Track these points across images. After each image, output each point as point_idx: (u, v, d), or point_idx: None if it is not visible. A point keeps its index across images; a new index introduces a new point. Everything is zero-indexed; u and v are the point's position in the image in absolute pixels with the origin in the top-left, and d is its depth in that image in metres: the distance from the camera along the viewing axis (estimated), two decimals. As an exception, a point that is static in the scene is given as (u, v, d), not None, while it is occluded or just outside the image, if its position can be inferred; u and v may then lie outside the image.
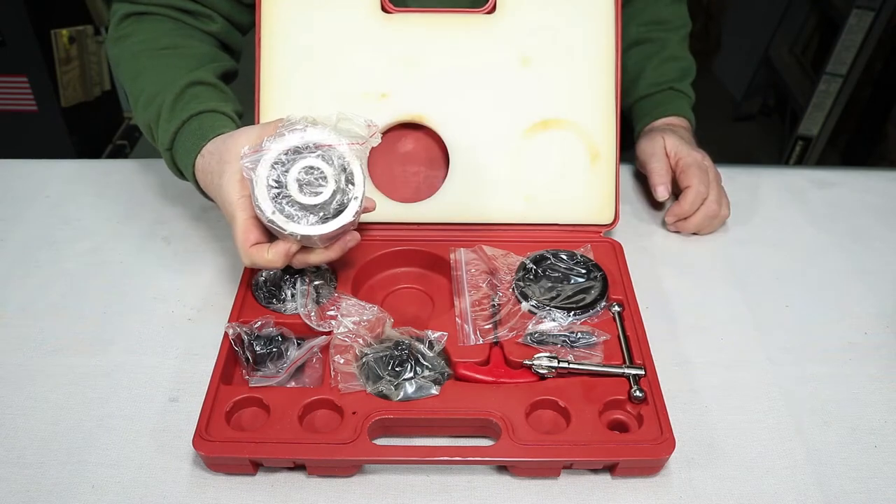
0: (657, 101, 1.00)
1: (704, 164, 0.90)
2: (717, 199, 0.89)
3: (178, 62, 0.81)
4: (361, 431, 0.61)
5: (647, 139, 0.95)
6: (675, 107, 0.99)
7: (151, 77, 0.80)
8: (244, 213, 0.65)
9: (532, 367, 0.67)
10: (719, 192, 0.90)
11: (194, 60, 0.82)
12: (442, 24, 0.82)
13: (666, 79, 1.00)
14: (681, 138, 0.93)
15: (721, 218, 0.90)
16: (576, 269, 0.76)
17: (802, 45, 2.55)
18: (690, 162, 0.90)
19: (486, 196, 0.83)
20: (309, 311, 0.70)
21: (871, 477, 0.63)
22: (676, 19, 1.03)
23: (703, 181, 0.88)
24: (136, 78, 0.81)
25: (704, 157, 0.91)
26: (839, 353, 0.75)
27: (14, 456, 0.64)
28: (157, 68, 0.80)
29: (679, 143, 0.91)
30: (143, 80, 0.80)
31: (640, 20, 1.01)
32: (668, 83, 1.00)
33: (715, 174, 0.91)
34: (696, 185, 0.88)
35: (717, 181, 0.91)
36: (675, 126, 0.97)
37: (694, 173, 0.89)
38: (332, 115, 0.66)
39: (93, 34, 2.26)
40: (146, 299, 0.80)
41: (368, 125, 0.67)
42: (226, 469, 0.63)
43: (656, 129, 0.97)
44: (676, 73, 1.00)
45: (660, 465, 0.63)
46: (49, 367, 0.72)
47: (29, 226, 0.90)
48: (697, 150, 0.93)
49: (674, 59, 1.00)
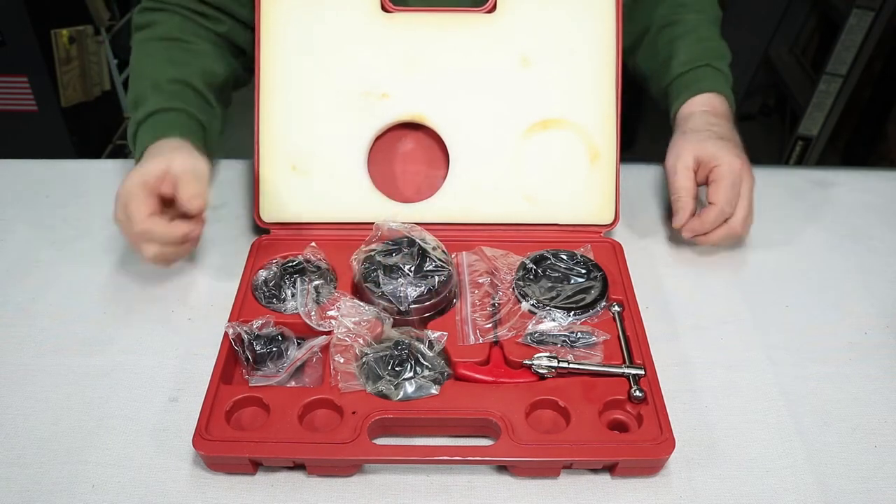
0: (694, 78, 0.91)
1: (740, 177, 0.82)
2: (742, 220, 0.82)
3: (177, 55, 0.84)
4: (361, 431, 0.61)
5: (678, 139, 0.86)
6: (713, 83, 0.91)
7: (149, 62, 0.85)
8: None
9: (532, 367, 0.67)
10: (748, 210, 0.82)
11: (192, 57, 0.85)
12: (442, 23, 0.82)
13: (702, 56, 0.92)
14: (720, 139, 0.84)
15: (742, 237, 0.85)
16: (576, 269, 0.76)
17: (802, 45, 2.55)
18: (724, 173, 0.81)
19: (486, 196, 0.83)
20: (309, 311, 0.70)
21: (871, 477, 0.63)
22: (706, 3, 0.96)
23: (731, 200, 0.81)
24: (137, 60, 0.86)
25: (744, 165, 0.82)
26: (839, 353, 0.75)
27: (14, 456, 0.64)
28: (157, 57, 0.84)
29: (717, 149, 0.82)
30: (142, 61, 0.85)
31: (668, 2, 0.95)
32: (706, 61, 0.92)
33: (750, 186, 0.83)
34: (722, 205, 0.81)
35: (748, 196, 0.83)
36: (714, 115, 0.88)
37: (723, 189, 0.81)
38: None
39: (93, 34, 2.26)
40: (146, 299, 0.80)
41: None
42: (226, 468, 0.63)
43: (691, 127, 0.87)
44: (713, 52, 0.93)
45: (660, 465, 0.63)
46: (49, 367, 0.72)
47: (29, 226, 0.90)
48: (737, 153, 0.83)
49: (708, 39, 0.94)
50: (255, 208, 0.83)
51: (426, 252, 0.73)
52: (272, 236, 0.82)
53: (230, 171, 0.98)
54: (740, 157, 0.83)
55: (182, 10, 0.86)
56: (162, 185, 0.72)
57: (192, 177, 0.73)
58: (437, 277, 0.71)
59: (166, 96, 0.81)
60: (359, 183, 0.83)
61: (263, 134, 0.82)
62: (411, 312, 0.71)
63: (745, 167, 0.83)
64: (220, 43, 0.89)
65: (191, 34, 0.86)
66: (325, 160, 0.83)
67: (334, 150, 0.83)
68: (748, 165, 0.83)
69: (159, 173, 0.72)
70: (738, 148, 0.85)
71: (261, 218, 0.83)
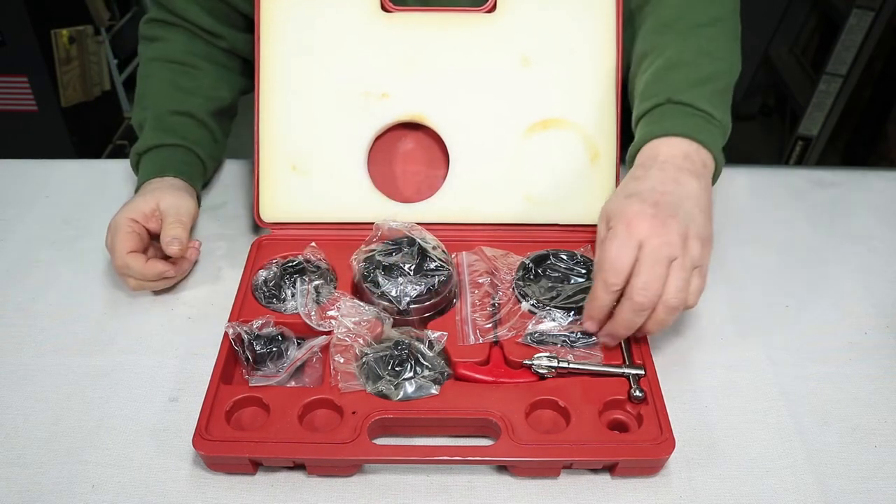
0: (645, 123, 0.72)
1: (673, 256, 0.61)
2: (674, 300, 0.61)
3: (182, 81, 0.87)
4: (361, 431, 0.61)
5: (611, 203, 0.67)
6: (669, 125, 0.69)
7: (155, 85, 0.87)
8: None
9: (532, 367, 0.67)
10: (682, 281, 0.62)
11: (198, 83, 0.88)
12: (442, 23, 0.82)
13: (659, 90, 0.72)
14: (628, 196, 0.64)
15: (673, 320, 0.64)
16: (576, 269, 0.76)
17: (802, 45, 2.55)
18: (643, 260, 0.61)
19: (486, 196, 0.83)
20: (309, 311, 0.70)
21: (871, 477, 0.63)
22: (690, 16, 0.76)
23: (651, 282, 0.61)
24: (144, 79, 0.89)
25: (687, 241, 0.62)
26: (839, 353, 0.75)
27: (14, 456, 0.64)
28: (162, 80, 0.87)
29: (618, 207, 0.64)
30: (148, 83, 0.88)
31: (645, 29, 0.79)
32: (665, 96, 0.71)
33: (695, 258, 0.62)
34: (634, 296, 0.62)
35: (687, 260, 0.62)
36: (644, 164, 0.68)
37: (641, 270, 0.61)
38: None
39: (93, 34, 2.26)
40: (146, 299, 0.80)
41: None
42: (225, 468, 0.63)
43: (628, 190, 0.67)
44: (681, 81, 0.72)
45: (660, 465, 0.63)
46: (49, 367, 0.72)
47: (29, 226, 0.90)
48: (649, 209, 0.62)
49: (676, 65, 0.73)
50: (255, 208, 0.83)
51: (426, 252, 0.73)
52: (272, 236, 0.82)
53: (230, 171, 0.98)
54: (662, 215, 0.62)
55: (189, 26, 0.87)
56: (149, 222, 0.78)
57: (176, 219, 0.77)
58: (437, 277, 0.71)
59: (167, 131, 0.85)
60: (359, 183, 0.83)
61: (263, 134, 0.82)
62: (411, 312, 0.71)
63: (692, 242, 0.62)
64: (225, 62, 0.91)
65: (197, 56, 0.88)
66: (325, 160, 0.83)
67: (334, 150, 0.83)
68: (705, 232, 0.64)
69: (148, 211, 0.78)
70: (658, 197, 0.64)
71: (261, 218, 0.83)
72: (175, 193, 0.80)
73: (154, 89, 0.87)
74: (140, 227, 0.77)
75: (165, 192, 0.80)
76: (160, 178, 0.82)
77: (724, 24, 0.76)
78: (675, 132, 0.69)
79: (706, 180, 0.68)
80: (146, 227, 0.78)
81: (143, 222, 0.78)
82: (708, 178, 0.69)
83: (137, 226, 0.77)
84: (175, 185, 0.82)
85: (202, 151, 0.87)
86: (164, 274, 0.77)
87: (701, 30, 0.75)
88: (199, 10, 0.86)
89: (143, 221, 0.77)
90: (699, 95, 0.71)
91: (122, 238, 0.76)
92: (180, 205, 0.79)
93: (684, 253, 0.62)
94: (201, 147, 0.87)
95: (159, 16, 0.88)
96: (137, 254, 0.76)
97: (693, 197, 0.65)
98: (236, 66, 0.92)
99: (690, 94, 0.71)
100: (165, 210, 0.78)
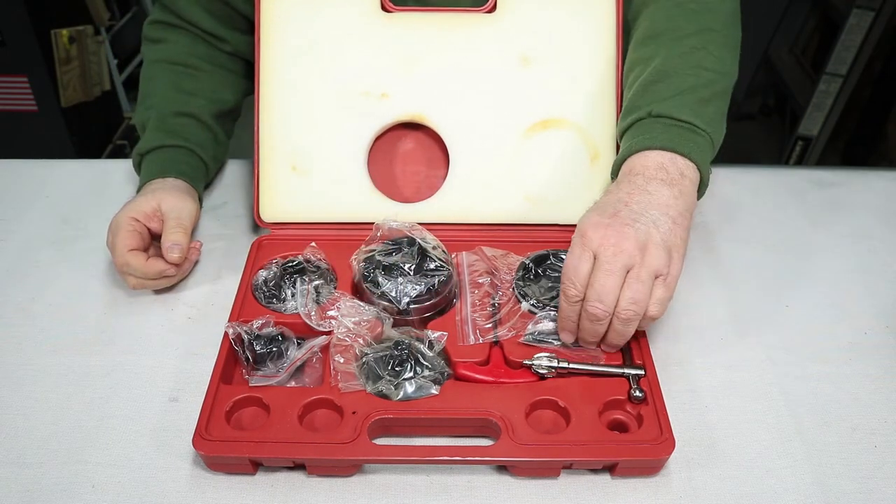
0: (625, 140, 0.73)
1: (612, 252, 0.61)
2: (629, 312, 0.61)
3: (185, 83, 0.87)
4: (361, 431, 0.61)
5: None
6: (647, 139, 0.69)
7: (158, 86, 0.88)
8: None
9: (532, 367, 0.67)
10: (642, 294, 0.61)
11: (201, 85, 0.88)
12: (442, 23, 0.82)
13: (642, 103, 0.71)
14: (595, 210, 0.66)
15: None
16: (576, 269, 0.76)
17: (802, 45, 2.55)
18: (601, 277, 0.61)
19: (486, 196, 0.83)
20: (309, 311, 0.70)
21: (871, 477, 0.63)
22: (678, 27, 0.75)
23: (606, 293, 0.61)
24: (147, 80, 0.89)
25: (620, 231, 0.62)
26: (839, 353, 0.75)
27: (14, 456, 0.64)
28: (165, 81, 0.87)
29: (582, 222, 0.64)
30: (151, 84, 0.88)
31: (635, 40, 0.79)
32: (647, 108, 0.71)
33: (655, 268, 0.61)
34: (591, 307, 0.62)
35: (647, 271, 0.61)
36: (618, 181, 0.69)
37: (596, 278, 0.62)
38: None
39: (93, 34, 2.26)
40: (146, 299, 0.80)
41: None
42: (226, 469, 0.63)
43: (595, 204, 0.68)
44: (663, 92, 0.71)
45: (660, 465, 0.63)
46: (49, 367, 0.72)
47: (29, 226, 0.90)
48: (605, 220, 0.63)
49: (661, 76, 0.73)
50: (255, 208, 0.83)
51: (426, 252, 0.73)
52: (272, 236, 0.82)
53: (230, 171, 0.98)
54: (617, 224, 0.62)
55: (191, 28, 0.88)
56: (150, 221, 0.78)
57: (177, 223, 0.77)
58: (437, 277, 0.71)
59: (170, 133, 0.85)
60: (359, 183, 0.83)
61: (263, 134, 0.83)
62: (411, 312, 0.71)
63: (622, 233, 0.62)
64: (228, 65, 0.91)
65: (200, 58, 0.88)
66: (325, 160, 0.83)
67: (334, 150, 0.83)
68: (676, 244, 0.63)
69: (149, 211, 0.78)
70: (627, 211, 0.64)
71: (261, 218, 0.83)
72: (177, 195, 0.80)
73: (157, 91, 0.88)
74: (141, 225, 0.77)
75: (167, 193, 0.80)
76: (162, 178, 0.83)
77: (713, 34, 0.75)
78: (653, 145, 0.69)
79: (682, 188, 0.67)
80: (147, 227, 0.78)
81: (145, 221, 0.78)
82: (685, 186, 0.67)
83: (139, 224, 0.77)
84: (177, 186, 0.82)
85: (204, 153, 0.87)
86: (164, 272, 0.77)
87: (688, 40, 0.74)
88: (201, 13, 0.87)
89: (144, 221, 0.78)
90: (680, 105, 0.70)
91: (123, 236, 0.76)
92: (182, 207, 0.79)
93: (642, 262, 0.61)
94: (203, 149, 0.87)
95: (163, 18, 0.88)
96: (138, 252, 0.76)
97: (661, 205, 0.65)
98: (239, 68, 0.92)
99: (671, 104, 0.71)
100: (167, 212, 0.78)
